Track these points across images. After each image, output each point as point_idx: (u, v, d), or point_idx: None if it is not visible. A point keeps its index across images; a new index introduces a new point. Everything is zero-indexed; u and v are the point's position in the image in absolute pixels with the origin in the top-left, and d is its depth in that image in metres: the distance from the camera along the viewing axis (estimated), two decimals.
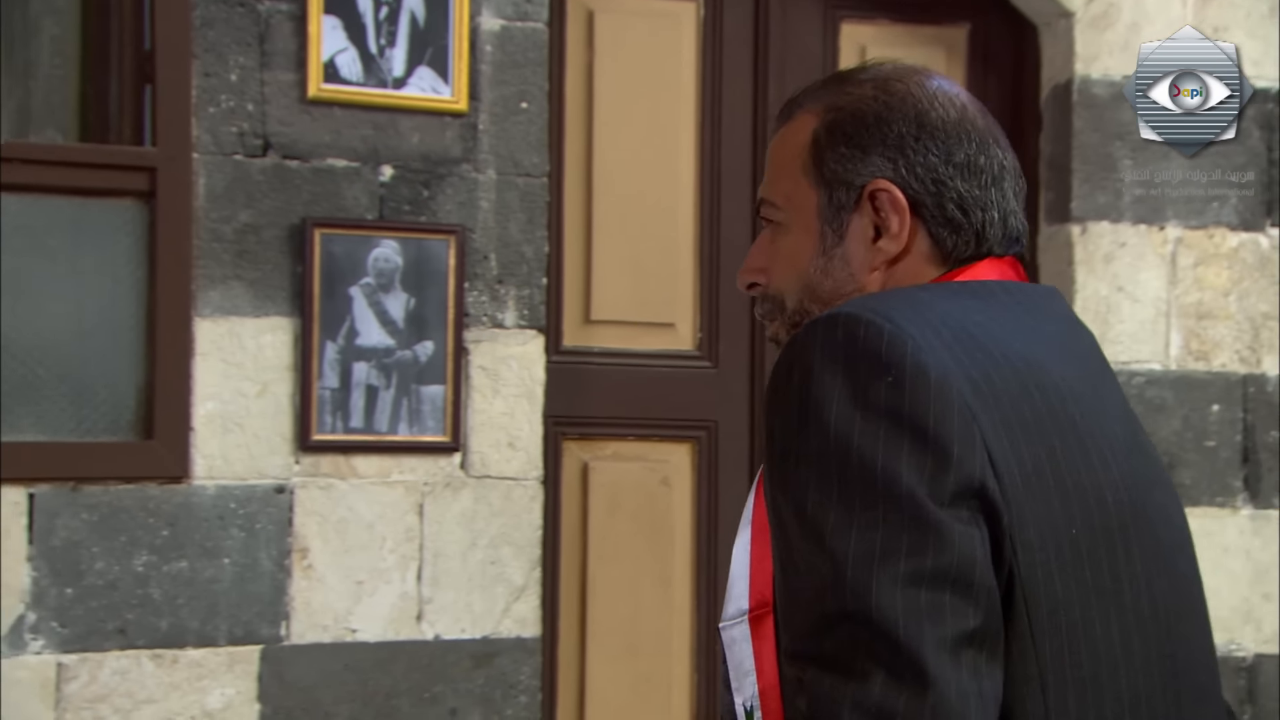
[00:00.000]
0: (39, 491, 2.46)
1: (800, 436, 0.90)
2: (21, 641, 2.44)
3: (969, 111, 1.03)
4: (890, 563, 0.85)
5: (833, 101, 1.04)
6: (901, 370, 0.89)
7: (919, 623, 0.84)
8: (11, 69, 3.12)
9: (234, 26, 2.59)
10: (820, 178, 1.03)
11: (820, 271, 1.03)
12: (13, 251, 2.49)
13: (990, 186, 1.02)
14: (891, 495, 0.87)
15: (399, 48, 2.65)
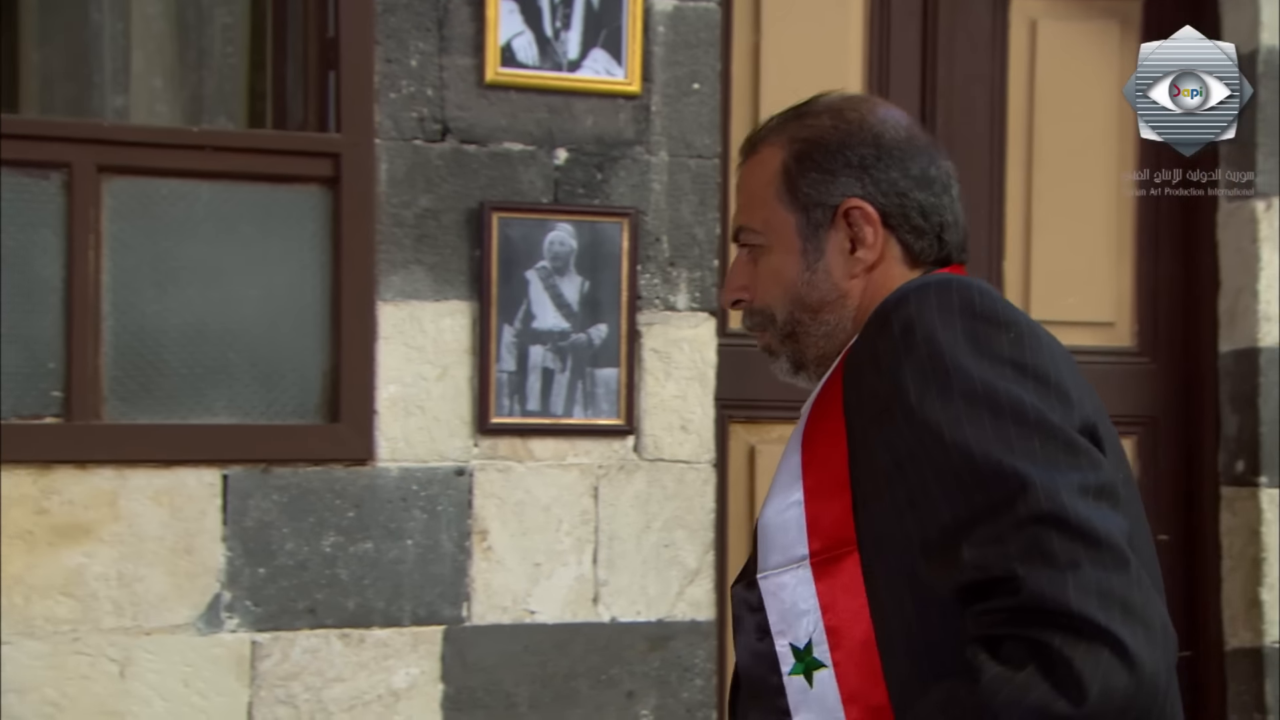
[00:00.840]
0: (232, 473, 2.51)
1: (940, 385, 1.01)
2: (218, 619, 2.49)
3: (914, 130, 1.18)
4: (1068, 475, 0.97)
5: (795, 134, 1.17)
6: (1019, 328, 1.03)
7: (1106, 521, 0.96)
8: (185, 58, 3.19)
9: (414, 12, 2.61)
10: (796, 202, 1.16)
11: (807, 284, 1.17)
12: (205, 238, 2.55)
13: (943, 194, 1.17)
14: (1045, 425, 0.99)
15: (574, 30, 2.66)
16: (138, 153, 2.49)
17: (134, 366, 2.52)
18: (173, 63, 3.17)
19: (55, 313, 2.46)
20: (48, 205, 2.46)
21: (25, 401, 2.45)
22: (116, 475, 2.46)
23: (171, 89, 3.18)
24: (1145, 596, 0.95)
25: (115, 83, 3.14)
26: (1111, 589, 0.94)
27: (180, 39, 3.18)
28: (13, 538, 2.39)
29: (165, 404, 2.52)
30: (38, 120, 2.60)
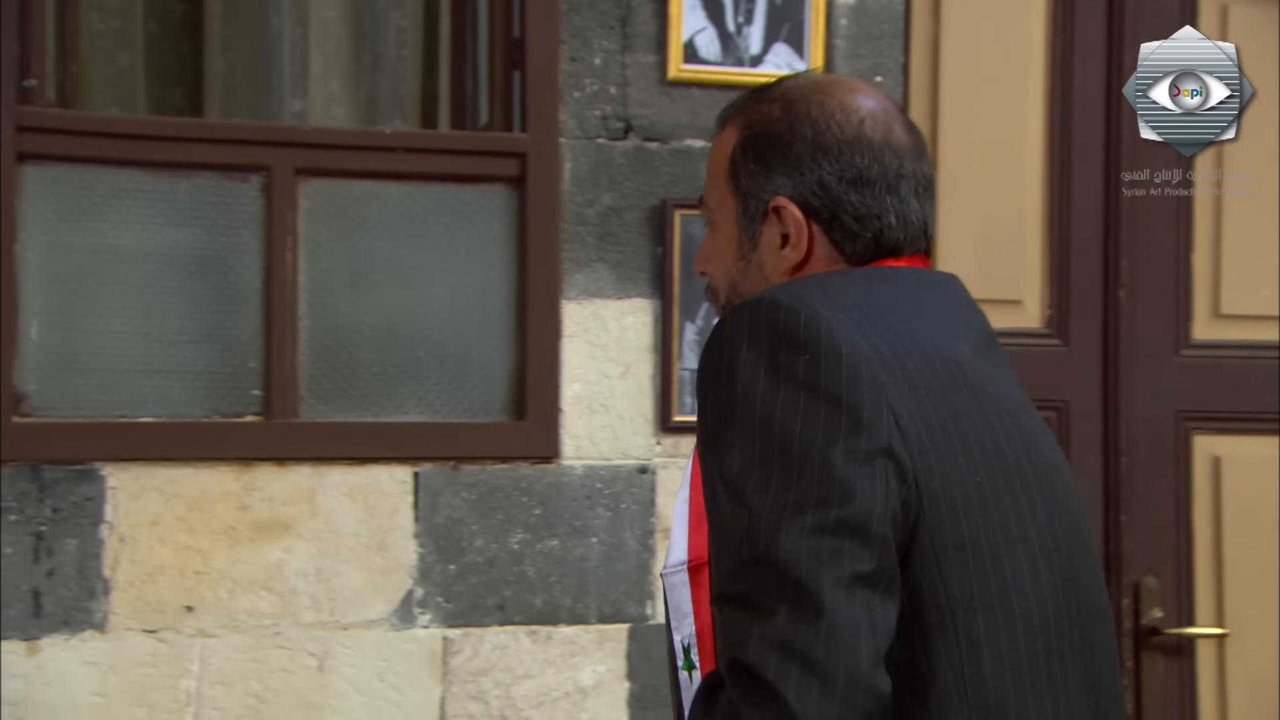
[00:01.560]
0: (423, 470, 2.54)
1: (729, 407, 1.04)
2: (411, 615, 2.52)
3: (865, 125, 1.15)
4: (799, 515, 0.98)
5: (749, 119, 1.18)
6: (817, 348, 1.03)
7: (818, 565, 0.97)
8: (361, 61, 3.24)
9: (598, 10, 2.62)
10: (737, 190, 1.18)
11: (740, 274, 1.19)
12: (395, 239, 2.58)
13: (885, 194, 1.15)
14: (806, 458, 1.00)
15: (756, 25, 2.64)
16: (332, 155, 2.53)
17: (329, 366, 2.56)
18: (349, 66, 3.23)
19: (255, 313, 2.51)
20: (247, 208, 2.52)
21: (227, 400, 2.51)
22: (314, 472, 2.51)
23: (348, 92, 3.23)
24: (833, 649, 0.95)
25: (294, 86, 3.21)
26: (793, 643, 0.95)
27: (356, 42, 3.23)
28: (217, 533, 2.45)
29: (359, 402, 2.56)
30: (237, 124, 2.66)
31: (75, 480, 2.39)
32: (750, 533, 0.99)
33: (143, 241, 2.46)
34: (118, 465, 2.41)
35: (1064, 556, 1.09)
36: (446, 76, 3.13)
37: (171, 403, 2.48)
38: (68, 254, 2.43)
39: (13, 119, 2.35)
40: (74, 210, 2.43)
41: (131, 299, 2.46)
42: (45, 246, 2.41)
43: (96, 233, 2.44)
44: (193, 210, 2.49)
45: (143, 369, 2.47)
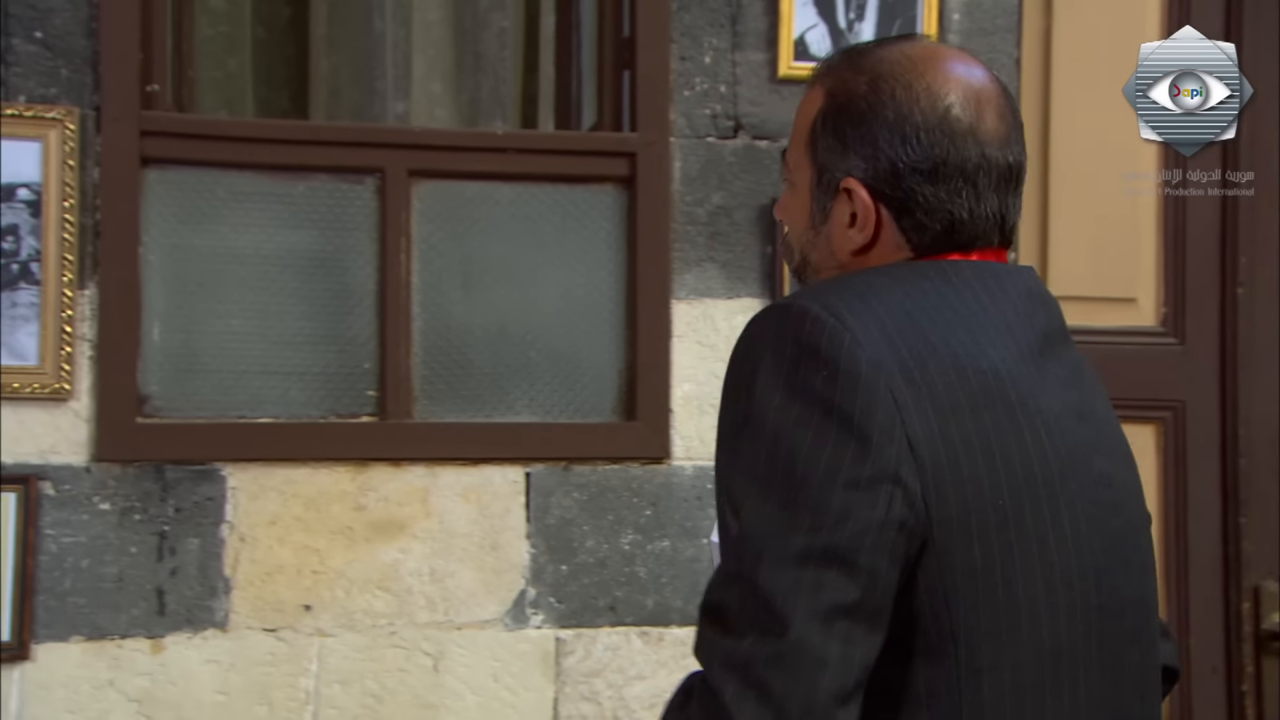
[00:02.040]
0: (535, 471, 2.54)
1: (745, 414, 1.03)
2: (524, 616, 2.53)
3: (952, 112, 1.10)
4: (785, 539, 0.97)
5: (835, 86, 1.14)
6: (836, 365, 1.01)
7: (796, 595, 0.96)
8: (463, 63, 3.26)
9: (708, 9, 2.60)
10: (814, 159, 1.15)
11: (809, 242, 1.17)
12: (506, 239, 2.59)
13: (961, 187, 1.10)
14: (805, 482, 0.99)
15: (868, 21, 2.61)
16: (444, 156, 2.54)
17: (441, 366, 2.57)
18: (451, 68, 3.24)
19: (369, 314, 2.53)
20: (362, 210, 2.53)
21: (343, 401, 2.53)
22: (428, 472, 2.52)
23: (450, 93, 3.25)
24: (791, 680, 0.95)
25: (397, 88, 3.23)
26: (753, 671, 0.95)
27: (458, 44, 3.25)
28: (334, 533, 2.47)
29: (471, 403, 2.57)
30: (352, 127, 2.68)
31: (197, 480, 2.42)
32: (739, 549, 1.00)
33: (260, 244, 2.49)
34: (237, 465, 2.43)
35: (1091, 580, 1.05)
36: (549, 77, 3.13)
37: (289, 403, 2.50)
38: (188, 256, 2.46)
39: (136, 124, 2.38)
40: (194, 213, 2.46)
41: (250, 300, 2.49)
42: (166, 249, 2.44)
43: (216, 235, 2.47)
44: (309, 212, 2.51)
45: (261, 370, 2.49)
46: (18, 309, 2.32)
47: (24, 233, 2.32)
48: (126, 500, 2.38)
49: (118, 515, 2.38)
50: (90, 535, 2.36)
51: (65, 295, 2.33)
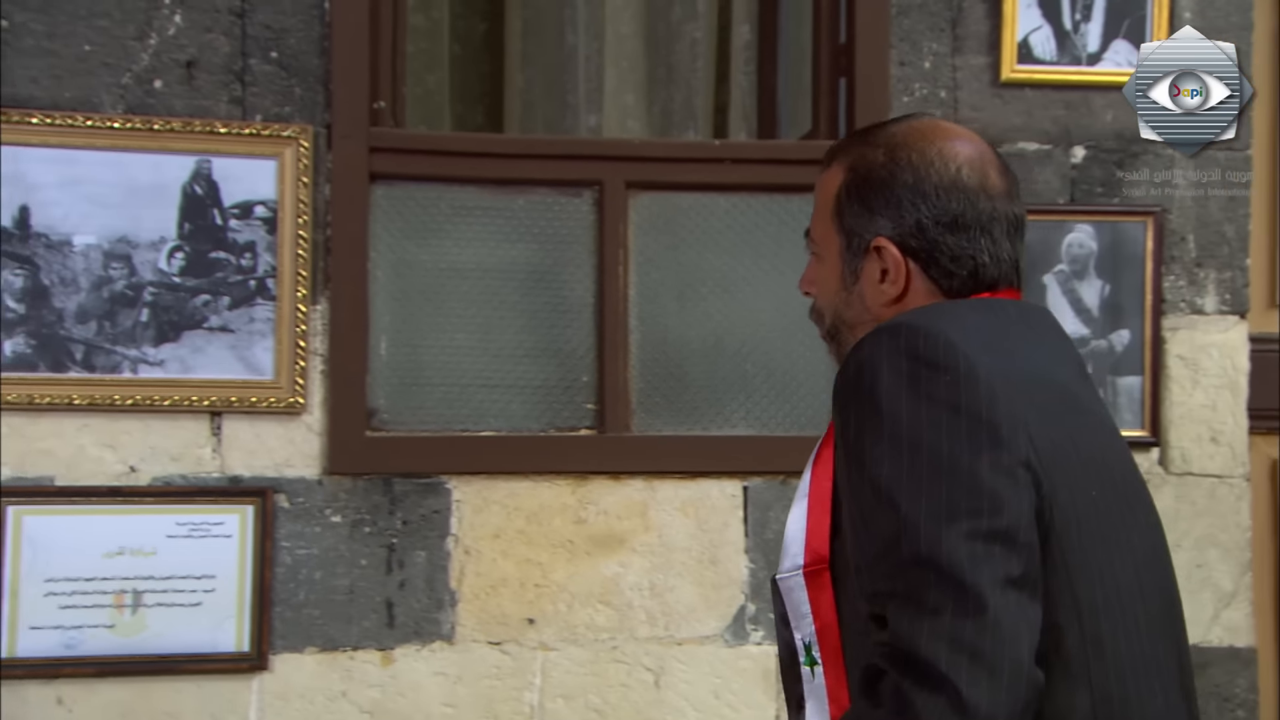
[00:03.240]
0: (752, 484, 2.53)
1: (875, 427, 1.12)
2: (744, 632, 2.51)
3: (963, 172, 1.24)
4: (955, 521, 1.07)
5: (855, 161, 1.28)
6: (957, 370, 1.12)
7: (978, 567, 1.05)
8: (655, 75, 3.27)
9: (928, 12, 2.57)
10: (841, 227, 1.28)
11: (844, 303, 1.29)
12: (722, 250, 2.58)
13: (979, 236, 1.24)
14: (955, 470, 1.08)
15: (1095, 21, 2.55)
16: (662, 168, 2.55)
17: (658, 379, 2.58)
18: (643, 79, 3.26)
19: (587, 327, 2.55)
20: (580, 222, 2.55)
21: (562, 414, 2.55)
22: (646, 486, 2.52)
23: (642, 105, 3.26)
24: (999, 643, 1.04)
25: (590, 101, 3.25)
26: (962, 637, 1.04)
27: (651, 56, 3.26)
28: (555, 547, 2.49)
29: (688, 416, 2.57)
30: (572, 140, 2.71)
31: (423, 493, 2.45)
32: (908, 537, 1.07)
33: (482, 258, 2.52)
34: (462, 479, 2.47)
35: (1160, 564, 1.21)
36: (741, 87, 3.13)
37: (510, 417, 2.53)
38: (413, 271, 2.50)
39: (365, 140, 2.43)
40: (418, 228, 2.51)
41: (472, 314, 2.52)
42: (392, 264, 2.49)
43: (439, 250, 2.51)
44: (529, 226, 2.54)
45: (483, 383, 2.52)
46: (254, 324, 2.38)
47: (260, 249, 2.39)
48: (357, 513, 2.43)
49: (348, 528, 2.42)
50: (323, 547, 2.41)
51: (299, 311, 2.39)
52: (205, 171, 2.36)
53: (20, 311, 2.30)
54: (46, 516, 2.29)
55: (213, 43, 2.38)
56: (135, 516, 2.32)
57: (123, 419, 2.34)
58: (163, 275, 2.35)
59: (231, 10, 2.39)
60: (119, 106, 2.34)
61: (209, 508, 2.35)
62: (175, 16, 2.36)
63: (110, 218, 2.33)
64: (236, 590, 2.35)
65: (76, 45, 2.33)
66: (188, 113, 2.36)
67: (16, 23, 2.31)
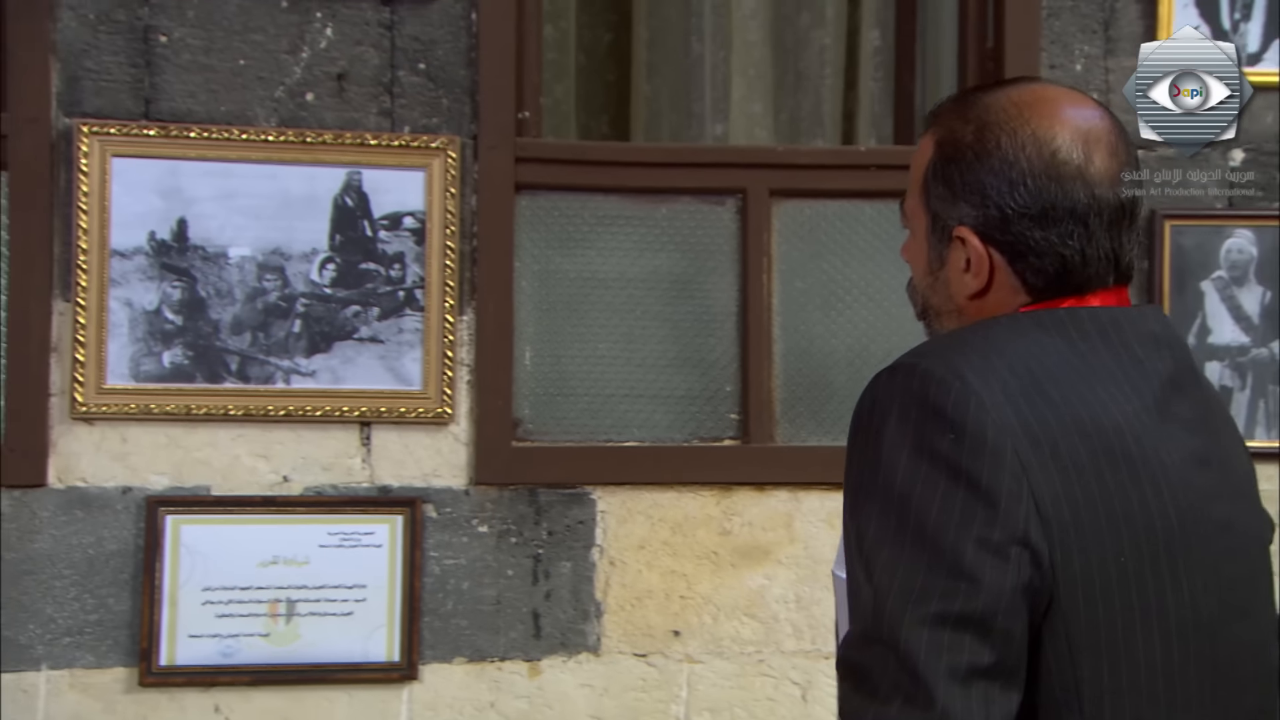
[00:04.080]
0: None
1: (871, 474, 1.06)
2: None
3: (1059, 156, 1.12)
4: (923, 603, 1.00)
5: (944, 135, 1.17)
6: (963, 428, 1.03)
7: (938, 657, 0.99)
8: (783, 82, 3.26)
9: (1079, 14, 2.54)
10: (928, 207, 1.19)
11: (929, 287, 1.21)
12: (865, 258, 2.57)
13: (1071, 229, 1.13)
14: (936, 544, 1.01)
15: (1255, 21, 2.51)
16: (806, 175, 2.54)
17: (803, 388, 2.56)
18: (770, 87, 3.25)
19: (730, 337, 2.54)
20: (723, 231, 2.55)
21: (705, 425, 2.54)
22: (791, 497, 2.51)
23: (769, 113, 3.25)
24: None
25: (716, 110, 3.25)
26: None
27: (778, 64, 3.25)
28: (700, 558, 2.48)
29: (833, 426, 2.55)
30: (716, 148, 2.71)
31: (568, 504, 2.46)
32: (875, 611, 1.02)
33: (625, 267, 2.53)
34: (606, 489, 2.47)
35: (1207, 631, 1.08)
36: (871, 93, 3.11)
37: (653, 427, 2.53)
38: (557, 281, 2.51)
39: (512, 150, 2.45)
40: (562, 237, 2.52)
41: (615, 324, 2.53)
42: (537, 274, 2.51)
43: (583, 259, 2.52)
44: (672, 235, 2.55)
45: (626, 393, 2.53)
46: (403, 335, 2.41)
47: (409, 260, 2.41)
48: (503, 523, 2.44)
49: (495, 538, 2.44)
50: (470, 558, 2.43)
51: (447, 321, 2.41)
52: (356, 183, 2.40)
53: (178, 323, 2.35)
54: (203, 526, 2.33)
55: (363, 55, 2.42)
56: (288, 526, 2.36)
57: (276, 429, 2.38)
58: (314, 286, 2.39)
59: (381, 23, 2.42)
60: (272, 120, 2.39)
61: (359, 518, 2.38)
62: (326, 30, 2.40)
63: (264, 230, 2.37)
64: (387, 600, 2.37)
65: (232, 60, 2.38)
66: (338, 125, 2.40)
67: (175, 38, 2.36)
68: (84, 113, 2.33)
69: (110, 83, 2.34)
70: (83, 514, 2.32)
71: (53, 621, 2.30)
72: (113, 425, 2.33)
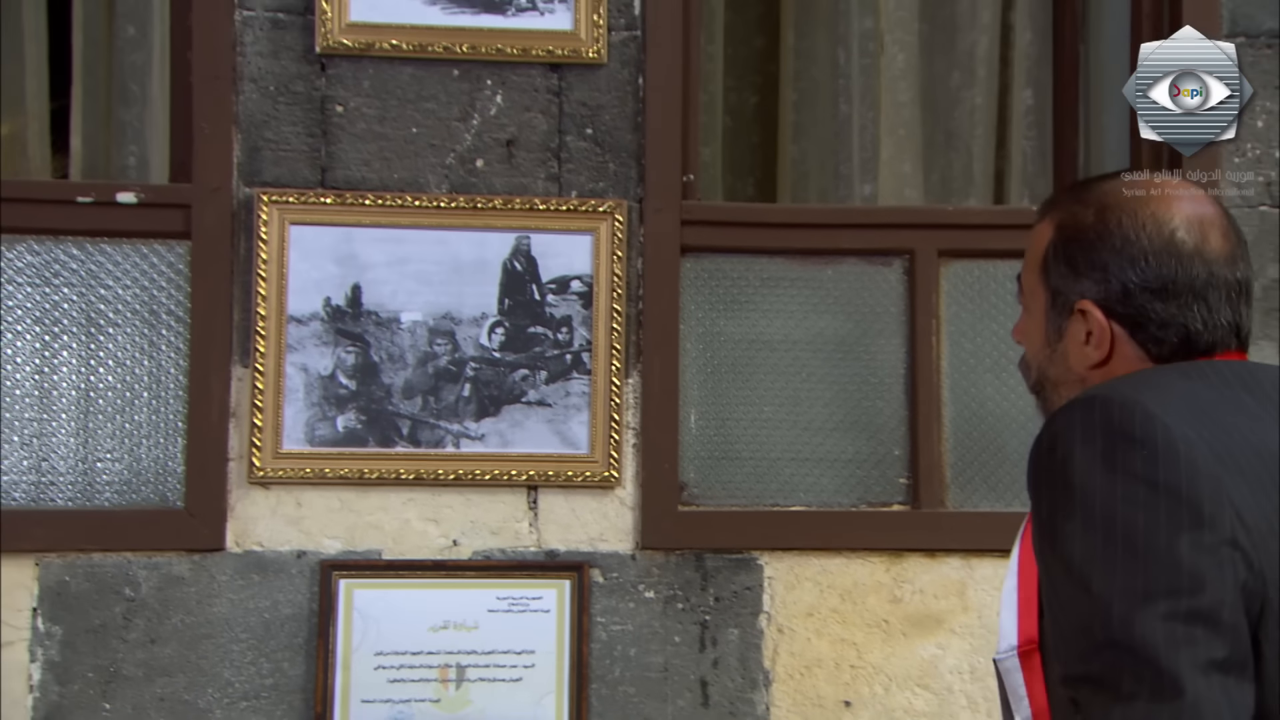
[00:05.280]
0: None
1: (1066, 501, 1.09)
2: None
3: (1177, 235, 1.21)
4: (1151, 602, 1.04)
5: (1064, 219, 1.26)
6: (1154, 444, 1.08)
7: (1176, 650, 1.02)
8: (933, 142, 3.26)
9: (1260, 70, 2.52)
10: (1048, 284, 1.26)
11: (1047, 360, 1.28)
12: None
13: (1191, 302, 1.20)
14: (1151, 548, 1.05)
15: None
16: (975, 235, 2.53)
17: (974, 453, 2.54)
18: (921, 146, 3.25)
19: (898, 399, 2.53)
20: (889, 292, 2.55)
21: (874, 489, 2.53)
22: (964, 564, 2.47)
23: (918, 172, 3.25)
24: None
25: (864, 170, 3.26)
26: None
27: (928, 123, 3.26)
28: (870, 627, 2.45)
29: (1006, 491, 2.52)
30: (883, 209, 2.72)
31: (735, 569, 2.45)
32: (1103, 618, 1.05)
33: (790, 329, 2.54)
34: (773, 554, 2.46)
35: None
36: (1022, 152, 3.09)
37: (820, 491, 2.52)
38: (721, 343, 2.53)
39: (677, 213, 2.48)
40: (727, 300, 2.54)
41: (780, 386, 2.53)
42: (702, 336, 2.52)
43: (747, 321, 2.54)
44: (837, 296, 2.55)
45: (793, 457, 2.52)
46: (570, 398, 2.44)
47: (576, 324, 2.45)
48: (670, 588, 2.44)
49: (662, 604, 2.44)
50: (637, 624, 2.43)
51: (613, 384, 2.44)
52: (524, 247, 2.44)
53: (351, 388, 2.41)
54: (375, 590, 2.36)
55: (531, 121, 2.47)
56: (458, 591, 2.38)
57: (445, 493, 2.41)
58: (484, 350, 2.43)
59: (550, 90, 2.48)
60: (444, 186, 2.45)
61: (527, 582, 2.40)
62: (496, 97, 2.46)
63: (435, 294, 2.42)
64: (555, 666, 2.38)
65: (405, 128, 2.44)
66: (507, 190, 2.45)
67: (350, 108, 2.44)
68: (263, 182, 2.41)
69: (288, 152, 2.43)
70: (259, 578, 2.37)
71: (230, 685, 2.35)
72: (288, 489, 2.38)
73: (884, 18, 3.06)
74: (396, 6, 2.41)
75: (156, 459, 2.38)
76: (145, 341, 2.40)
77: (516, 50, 2.43)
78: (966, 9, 3.13)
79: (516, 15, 2.44)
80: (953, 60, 3.16)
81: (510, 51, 2.43)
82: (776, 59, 3.17)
